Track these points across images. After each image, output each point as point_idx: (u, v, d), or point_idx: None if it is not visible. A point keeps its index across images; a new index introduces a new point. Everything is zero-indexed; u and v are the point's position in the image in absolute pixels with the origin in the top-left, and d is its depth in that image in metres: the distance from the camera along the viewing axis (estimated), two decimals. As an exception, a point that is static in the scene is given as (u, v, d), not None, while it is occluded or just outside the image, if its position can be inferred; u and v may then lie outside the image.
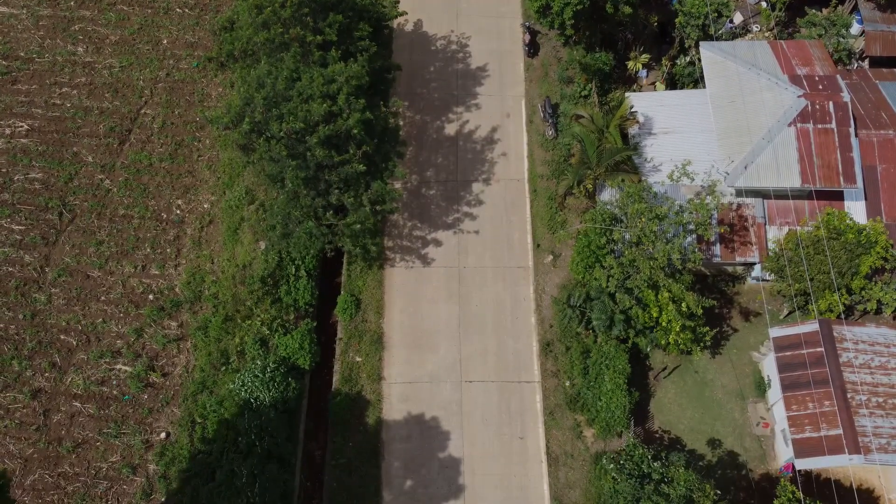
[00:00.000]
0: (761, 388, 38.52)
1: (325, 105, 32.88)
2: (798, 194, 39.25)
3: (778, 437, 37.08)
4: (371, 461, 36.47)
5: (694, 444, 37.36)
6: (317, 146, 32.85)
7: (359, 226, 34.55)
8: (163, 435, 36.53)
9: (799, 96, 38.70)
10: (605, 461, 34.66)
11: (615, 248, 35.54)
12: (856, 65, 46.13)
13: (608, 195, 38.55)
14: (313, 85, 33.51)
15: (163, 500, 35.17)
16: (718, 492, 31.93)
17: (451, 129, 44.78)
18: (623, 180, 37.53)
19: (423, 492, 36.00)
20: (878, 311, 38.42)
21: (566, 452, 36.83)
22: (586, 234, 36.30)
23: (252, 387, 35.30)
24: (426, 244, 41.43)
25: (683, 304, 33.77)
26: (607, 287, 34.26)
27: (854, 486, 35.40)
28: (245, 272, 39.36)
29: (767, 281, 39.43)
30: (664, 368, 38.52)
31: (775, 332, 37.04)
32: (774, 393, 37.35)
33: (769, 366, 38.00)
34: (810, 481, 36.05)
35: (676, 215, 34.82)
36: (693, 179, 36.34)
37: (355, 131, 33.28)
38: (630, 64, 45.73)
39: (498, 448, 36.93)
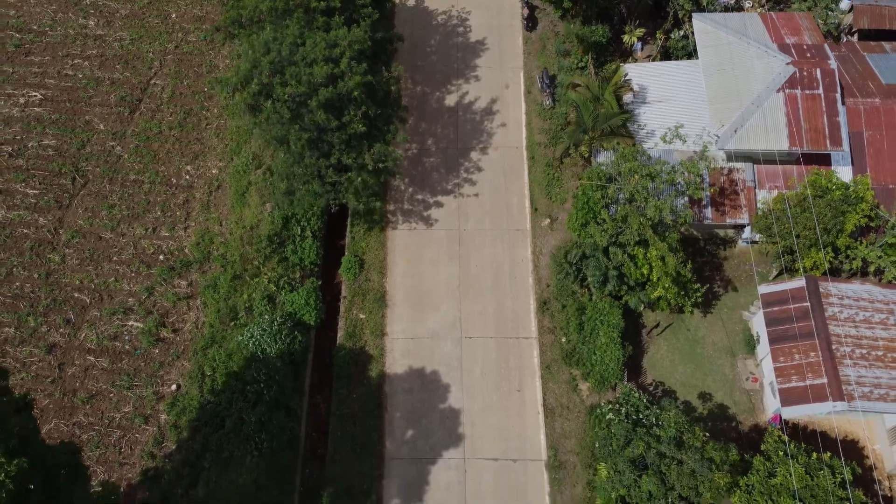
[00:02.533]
0: (751, 345, 39.89)
1: (327, 68, 34.24)
2: (787, 159, 40.65)
3: (766, 390, 38.46)
4: (374, 412, 37.83)
5: (686, 397, 38.71)
6: (318, 108, 34.20)
7: (360, 180, 35.85)
8: (173, 387, 37.92)
9: (787, 63, 40.08)
10: (601, 407, 36.10)
11: (610, 202, 36.89)
12: (845, 39, 47.51)
13: (604, 159, 39.92)
14: (316, 49, 34.89)
15: (174, 447, 36.55)
16: (707, 434, 33.30)
17: (451, 100, 46.20)
18: (618, 143, 38.91)
19: (424, 442, 37.37)
20: (864, 274, 39.77)
21: (562, 404, 38.21)
22: (584, 192, 37.67)
23: (260, 339, 36.68)
24: (427, 208, 42.82)
25: (670, 262, 35.11)
26: (601, 242, 35.59)
27: (839, 438, 36.76)
28: (252, 233, 40.76)
29: (757, 243, 40.80)
30: (657, 325, 39.90)
31: (763, 288, 38.41)
32: (763, 349, 38.73)
33: (758, 323, 39.37)
34: (797, 433, 37.41)
35: (668, 175, 36.17)
36: (685, 142, 37.74)
37: (356, 94, 34.64)
38: (626, 37, 47.08)
39: (497, 401, 38.31)
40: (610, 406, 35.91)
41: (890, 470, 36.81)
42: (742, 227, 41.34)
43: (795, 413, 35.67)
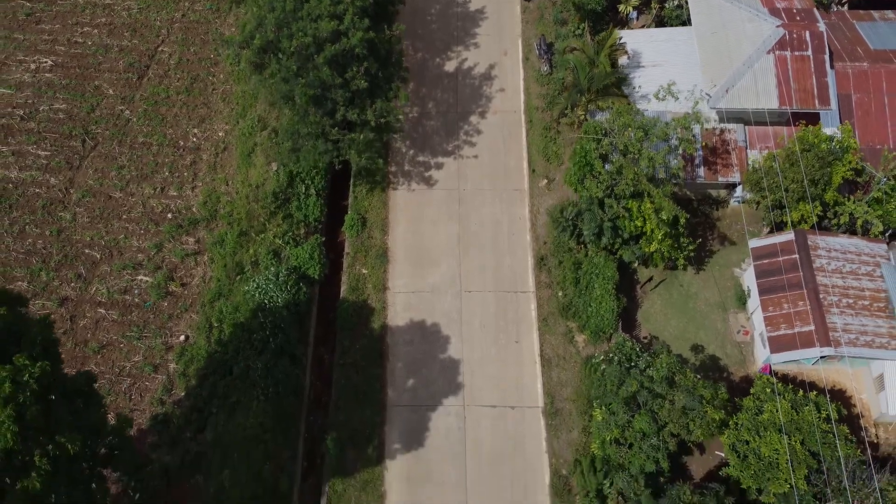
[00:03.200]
0: (742, 299, 41.06)
1: (332, 24, 35.46)
2: (777, 121, 41.85)
3: (757, 342, 39.64)
4: (376, 362, 39.03)
5: (679, 349, 39.83)
6: (323, 64, 35.40)
7: (363, 137, 37.05)
8: (182, 338, 39.11)
9: (777, 26, 41.28)
10: (596, 357, 37.32)
11: (606, 154, 38.07)
12: (835, 8, 48.68)
13: (600, 118, 41.10)
14: (321, 5, 36.10)
15: (182, 394, 37.74)
16: (698, 375, 34.49)
17: (450, 66, 47.40)
18: (613, 103, 40.12)
19: (425, 390, 38.57)
20: (852, 230, 40.86)
21: (559, 355, 39.40)
22: (581, 146, 38.86)
23: (266, 289, 37.89)
24: (428, 169, 44.02)
25: (663, 213, 36.32)
26: (597, 194, 36.76)
27: (827, 388, 37.94)
28: (258, 191, 41.94)
29: (748, 201, 41.97)
30: (650, 279, 41.10)
31: (754, 242, 39.64)
32: (753, 302, 39.92)
33: (749, 278, 40.53)
34: (786, 384, 38.53)
35: (661, 130, 37.36)
36: (677, 99, 38.94)
37: (358, 49, 35.85)
38: (621, 7, 48.26)
39: (495, 352, 39.50)
40: (603, 356, 37.09)
41: (876, 417, 37.97)
42: (734, 186, 42.54)
43: (784, 358, 36.84)
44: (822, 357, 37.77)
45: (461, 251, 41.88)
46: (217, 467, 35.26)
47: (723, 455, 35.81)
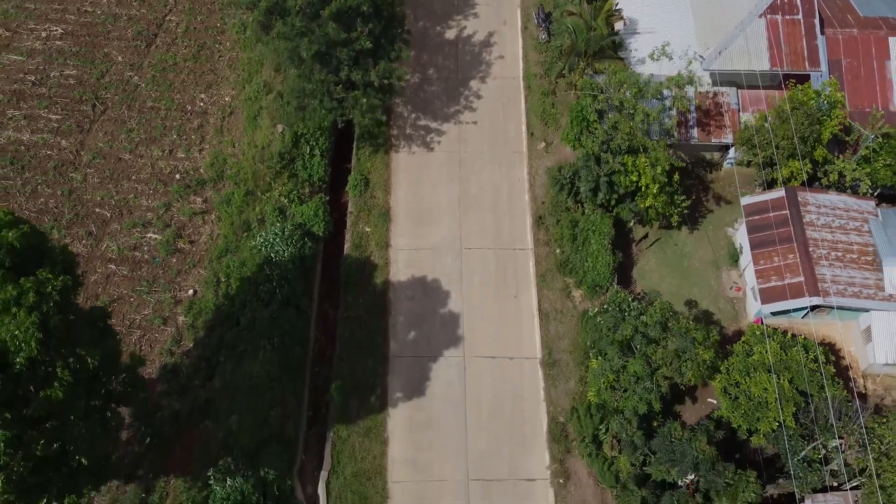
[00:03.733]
0: (734, 257, 42.22)
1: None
2: (769, 84, 43.02)
3: (749, 297, 40.79)
4: (379, 316, 40.19)
5: (673, 305, 40.86)
6: (328, 19, 36.55)
7: (366, 98, 38.21)
8: (190, 292, 40.26)
9: (769, -9, 42.51)
10: (592, 309, 38.49)
11: (603, 110, 39.23)
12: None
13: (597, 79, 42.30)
14: (327, -35, 37.30)
15: (191, 345, 38.90)
16: (690, 321, 35.66)
17: (450, 35, 48.55)
18: (609, 65, 41.29)
19: (426, 343, 39.72)
20: (842, 189, 42.01)
21: (556, 309, 40.57)
22: (578, 103, 40.02)
23: (272, 243, 39.06)
24: (429, 133, 45.19)
25: (658, 166, 37.46)
26: (593, 148, 37.91)
27: (817, 342, 39.04)
28: (264, 152, 43.10)
29: (740, 160, 43.14)
30: (645, 236, 42.30)
31: (746, 199, 40.84)
32: (745, 259, 41.08)
33: (741, 236, 41.67)
34: (778, 337, 39.74)
35: (655, 89, 38.53)
36: (671, 59, 40.10)
37: (364, 8, 37.01)
38: (618, -24, 49.36)
39: (494, 306, 40.65)
40: (599, 307, 38.25)
41: (864, 369, 39.15)
42: (727, 148, 43.70)
43: (775, 308, 37.99)
44: (811, 310, 39.00)
45: (461, 211, 43.04)
46: (225, 413, 36.39)
47: (715, 402, 37.02)
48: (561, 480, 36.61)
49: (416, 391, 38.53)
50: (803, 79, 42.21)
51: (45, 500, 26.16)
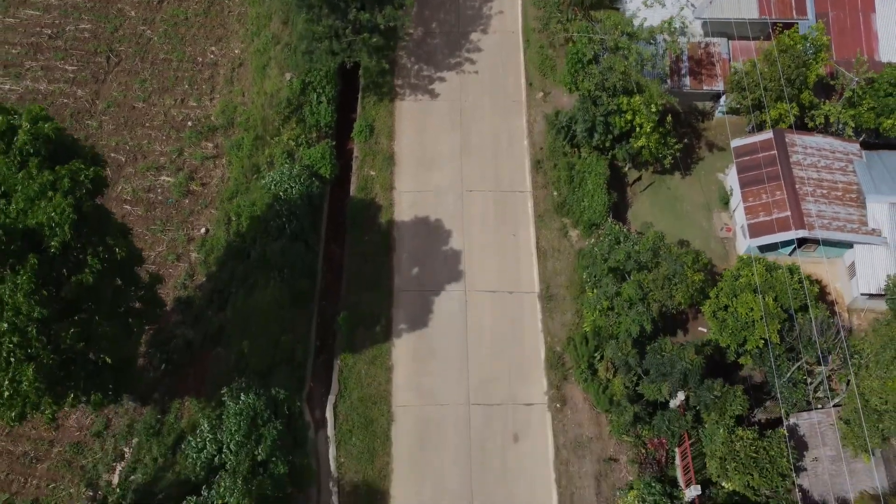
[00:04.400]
0: (725, 200, 43.94)
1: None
2: (758, 35, 44.71)
3: (738, 236, 42.48)
4: (384, 253, 41.89)
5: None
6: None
7: (374, 40, 39.94)
8: (202, 230, 41.96)
9: (758, -58, 44.21)
10: (588, 244, 40.24)
11: (598, 52, 40.94)
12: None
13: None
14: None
15: (203, 279, 40.59)
16: (679, 247, 37.35)
17: (452, -10, 50.32)
18: (607, 15, 43.01)
19: (429, 278, 41.42)
20: (828, 132, 43.62)
21: (554, 247, 42.27)
22: (574, 46, 41.71)
23: (281, 181, 40.72)
24: (431, 82, 46.91)
25: (653, 106, 39.14)
26: (589, 87, 39.58)
27: (804, 279, 40.72)
28: (272, 99, 44.81)
29: (731, 111, 44.84)
30: (639, 178, 44.02)
31: (736, 142, 42.57)
32: (735, 200, 42.79)
33: (732, 178, 43.37)
34: (766, 274, 41.41)
35: (648, 33, 40.24)
36: (664, 6, 41.81)
37: (371, -45, 38.80)
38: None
39: (494, 245, 42.36)
40: (595, 239, 39.99)
41: (849, 303, 40.85)
42: (718, 97, 45.41)
43: (763, 242, 39.67)
44: (798, 246, 40.71)
45: (462, 156, 44.74)
46: (237, 340, 38.04)
47: (706, 331, 38.70)
48: (558, 405, 38.30)
49: (419, 323, 40.21)
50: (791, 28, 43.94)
51: (71, 396, 27.87)
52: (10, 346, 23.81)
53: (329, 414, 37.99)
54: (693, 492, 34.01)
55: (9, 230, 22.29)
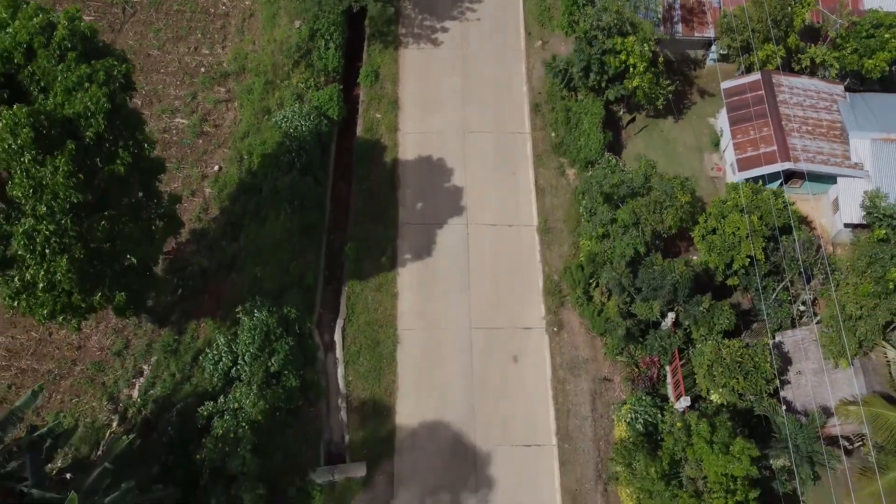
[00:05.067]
0: (715, 142, 45.90)
1: None
2: (749, -15, 46.66)
3: (728, 175, 44.41)
4: (389, 188, 43.86)
5: (658, 182, 44.66)
6: None
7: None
8: (216, 168, 43.92)
9: None
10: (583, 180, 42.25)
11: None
12: None
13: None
14: None
15: (217, 213, 42.54)
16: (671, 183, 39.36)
17: (454, -55, 52.21)
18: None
19: (432, 212, 43.38)
20: (815, 75, 45.50)
21: (551, 185, 44.25)
22: (569, -12, 43.85)
23: (291, 118, 42.66)
24: (434, 32, 48.88)
25: (646, 45, 41.08)
26: (584, 27, 41.52)
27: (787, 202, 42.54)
28: (282, 45, 46.76)
29: (721, 58, 46.80)
30: (633, 120, 46.02)
31: (726, 83, 44.55)
32: (725, 141, 44.74)
33: (722, 120, 45.31)
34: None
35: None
36: (657, -46, 43.78)
37: None
38: None
39: (494, 181, 44.33)
40: (591, 173, 41.99)
41: (833, 237, 42.77)
42: (709, 45, 47.38)
43: (751, 175, 41.60)
44: (785, 181, 42.68)
45: (464, 100, 46.71)
46: (250, 266, 40.01)
47: (696, 258, 40.62)
48: (555, 329, 40.27)
49: (423, 253, 42.17)
50: (779, -22, 45.89)
51: (99, 293, 29.79)
52: (47, 233, 25.72)
53: (337, 336, 39.93)
54: (683, 402, 35.93)
55: (50, 115, 24.24)
